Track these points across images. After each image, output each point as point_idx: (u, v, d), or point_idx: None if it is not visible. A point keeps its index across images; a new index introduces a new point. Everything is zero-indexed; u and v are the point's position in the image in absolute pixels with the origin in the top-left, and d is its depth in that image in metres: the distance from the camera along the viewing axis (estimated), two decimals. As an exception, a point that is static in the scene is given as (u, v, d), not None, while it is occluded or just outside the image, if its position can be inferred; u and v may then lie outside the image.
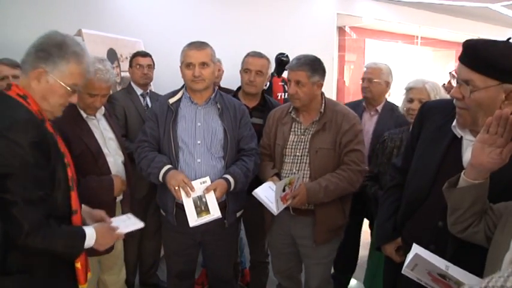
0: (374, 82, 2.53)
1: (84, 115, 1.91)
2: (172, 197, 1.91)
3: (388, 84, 2.58)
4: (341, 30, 9.78)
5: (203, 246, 2.13)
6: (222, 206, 1.96)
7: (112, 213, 1.83)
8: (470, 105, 1.21)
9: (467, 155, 1.30)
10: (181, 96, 2.00)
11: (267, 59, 2.44)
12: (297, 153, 1.99)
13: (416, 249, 1.18)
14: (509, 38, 1.18)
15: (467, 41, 1.23)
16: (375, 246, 1.65)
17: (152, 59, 2.88)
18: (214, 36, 4.65)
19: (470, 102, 1.20)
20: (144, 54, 2.86)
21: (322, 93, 2.04)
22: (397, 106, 2.77)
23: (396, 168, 1.65)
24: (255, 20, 5.06)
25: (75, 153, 1.82)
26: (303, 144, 1.99)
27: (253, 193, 1.86)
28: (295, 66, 1.94)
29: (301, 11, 5.53)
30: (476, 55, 1.17)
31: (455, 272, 1.11)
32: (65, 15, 3.67)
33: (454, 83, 1.23)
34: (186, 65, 1.91)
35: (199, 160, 1.93)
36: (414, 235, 1.37)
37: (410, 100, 2.08)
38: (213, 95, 2.00)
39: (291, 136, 2.02)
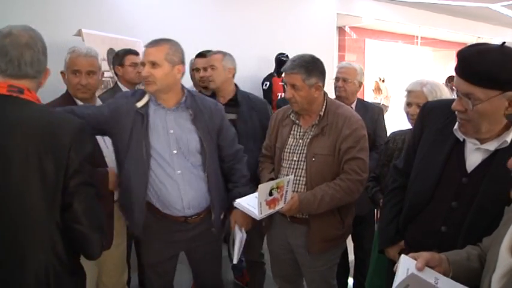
0: (349, 82, 2.60)
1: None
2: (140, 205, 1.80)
3: (360, 85, 2.67)
4: (341, 30, 9.78)
5: (190, 254, 2.03)
6: (207, 212, 1.88)
7: (110, 208, 1.82)
8: (472, 117, 1.20)
9: (471, 159, 1.30)
10: (149, 100, 1.78)
11: (222, 53, 2.43)
12: (294, 158, 1.89)
13: (405, 262, 1.12)
14: (504, 43, 1.16)
15: (460, 52, 1.21)
16: (378, 249, 1.64)
17: None
18: (214, 36, 4.67)
19: (473, 114, 1.19)
20: (137, 53, 2.77)
21: (325, 94, 1.92)
22: (368, 102, 2.98)
23: (398, 170, 1.63)
24: (254, 20, 5.05)
25: None
26: (300, 148, 1.88)
27: (235, 204, 1.78)
28: (288, 69, 1.81)
29: (301, 11, 5.52)
30: (473, 69, 1.15)
31: (445, 284, 1.06)
32: (65, 15, 3.67)
33: (454, 95, 1.22)
34: (141, 63, 1.75)
35: (179, 171, 1.77)
36: (417, 239, 1.35)
37: (408, 104, 2.02)
38: (183, 98, 1.80)
39: (289, 139, 1.93)
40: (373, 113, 2.63)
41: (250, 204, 1.74)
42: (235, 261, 1.79)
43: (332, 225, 1.89)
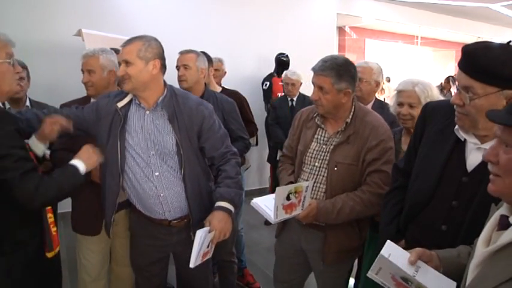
0: (364, 82, 2.55)
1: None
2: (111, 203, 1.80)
3: (378, 84, 2.61)
4: (341, 30, 9.80)
5: (176, 258, 1.98)
6: (187, 221, 1.82)
7: (96, 196, 1.89)
8: (470, 112, 1.20)
9: (471, 159, 1.30)
10: (131, 99, 1.76)
11: (196, 53, 2.46)
12: (316, 164, 1.81)
13: (390, 247, 1.14)
14: (510, 42, 1.16)
15: (465, 47, 1.21)
16: (379, 249, 1.64)
17: None
18: (214, 36, 4.67)
19: (470, 109, 1.20)
20: None
21: (354, 99, 1.82)
22: (386, 103, 2.82)
23: (399, 170, 1.62)
24: (254, 20, 5.06)
25: (71, 134, 1.84)
26: (323, 154, 1.80)
27: (251, 203, 1.72)
28: (318, 70, 1.72)
29: (301, 11, 5.52)
30: (475, 63, 1.16)
31: (425, 273, 1.07)
32: (65, 15, 3.67)
33: (454, 89, 1.21)
34: (118, 63, 1.76)
35: (157, 173, 1.74)
36: (418, 238, 1.35)
37: (400, 104, 1.99)
38: (161, 97, 1.73)
39: (312, 143, 1.84)
40: (390, 113, 2.58)
41: (267, 205, 1.68)
42: (192, 265, 1.57)
43: (349, 237, 1.84)
